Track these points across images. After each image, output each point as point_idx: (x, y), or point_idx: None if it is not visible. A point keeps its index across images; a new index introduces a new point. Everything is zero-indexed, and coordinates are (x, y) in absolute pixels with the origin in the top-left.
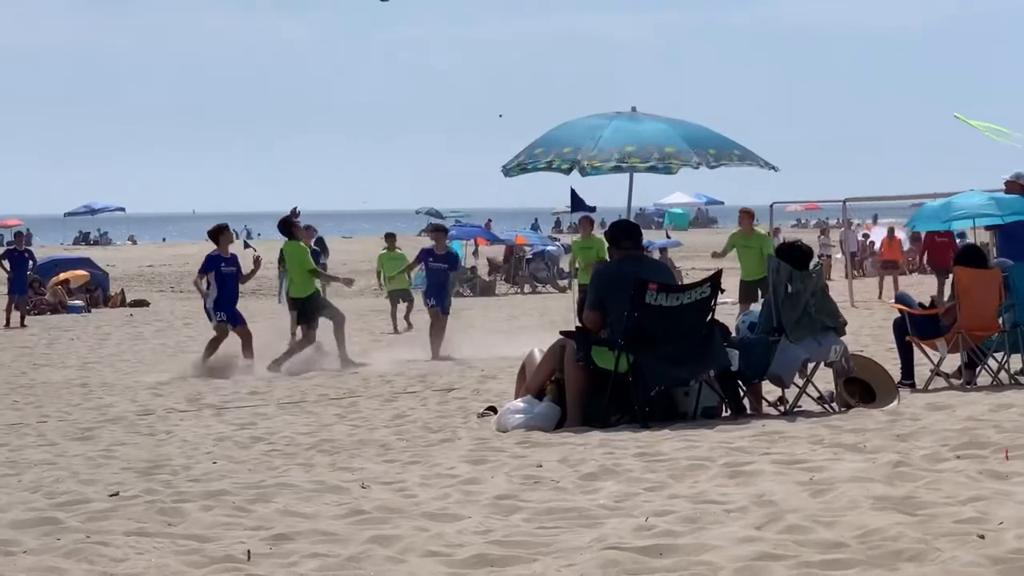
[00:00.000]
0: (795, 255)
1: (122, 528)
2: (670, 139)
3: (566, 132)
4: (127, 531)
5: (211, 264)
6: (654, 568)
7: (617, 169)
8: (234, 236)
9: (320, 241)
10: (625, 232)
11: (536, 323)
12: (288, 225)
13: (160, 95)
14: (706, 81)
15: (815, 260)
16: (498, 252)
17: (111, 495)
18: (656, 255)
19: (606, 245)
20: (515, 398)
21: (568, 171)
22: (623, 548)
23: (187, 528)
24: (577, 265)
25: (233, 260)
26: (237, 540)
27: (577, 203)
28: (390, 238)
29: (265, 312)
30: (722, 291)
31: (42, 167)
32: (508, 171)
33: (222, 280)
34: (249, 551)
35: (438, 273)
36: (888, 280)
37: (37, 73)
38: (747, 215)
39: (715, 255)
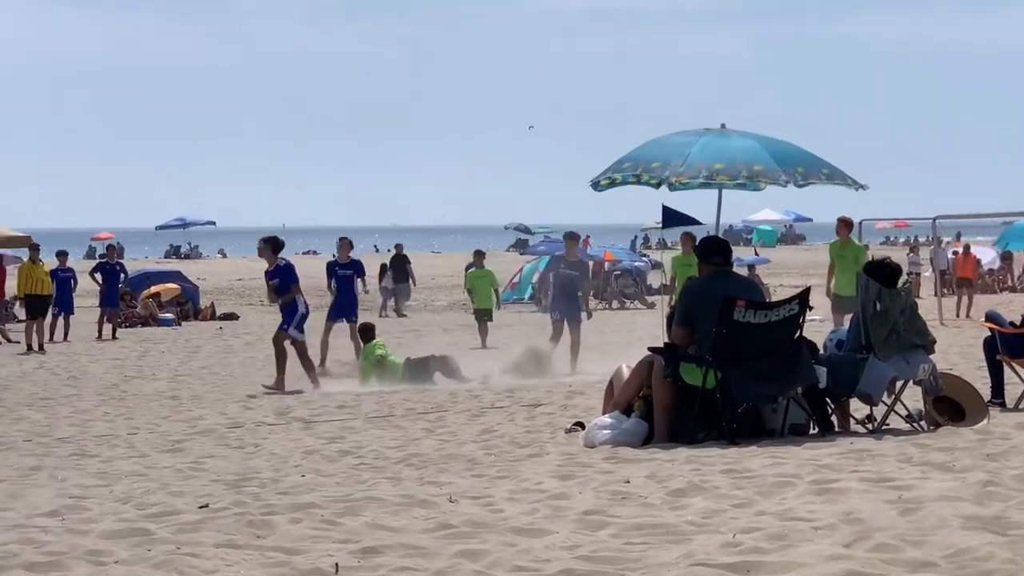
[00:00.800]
0: (884, 272)
1: (212, 540)
2: (758, 156)
3: (655, 148)
4: (216, 543)
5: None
6: None
7: (705, 185)
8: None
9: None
10: (715, 248)
11: (624, 339)
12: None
13: (254, 110)
14: (795, 96)
15: (904, 278)
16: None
17: (200, 507)
18: (744, 272)
19: None
20: (602, 414)
21: (657, 186)
22: (710, 565)
23: (276, 540)
24: (675, 282)
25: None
26: (325, 553)
27: (670, 218)
28: (478, 255)
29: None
30: (810, 308)
31: (135, 181)
32: (597, 185)
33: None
34: (337, 564)
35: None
36: (966, 298)
37: (132, 91)
38: (844, 224)
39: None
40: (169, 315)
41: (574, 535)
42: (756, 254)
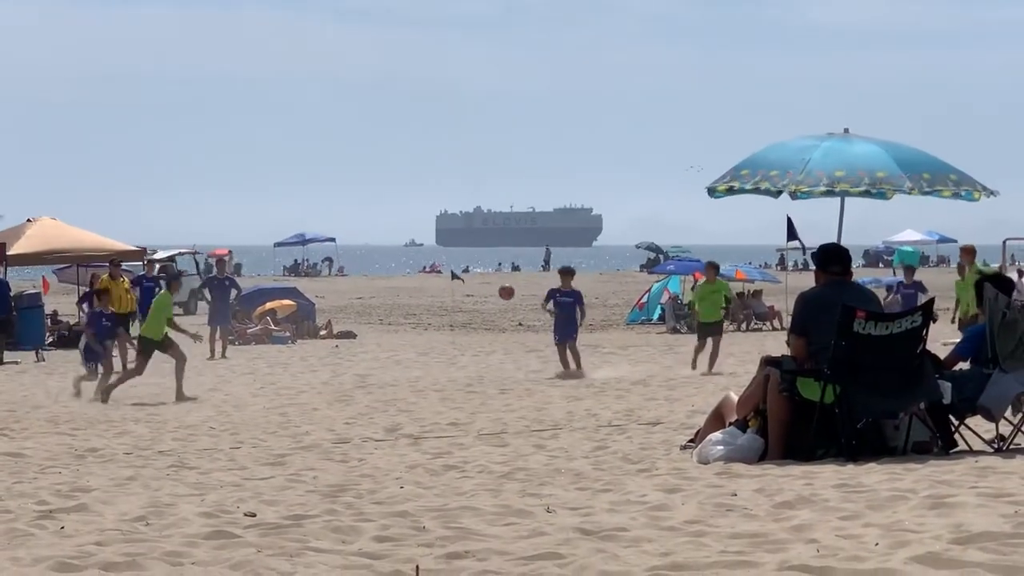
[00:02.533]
0: (1004, 283)
1: (295, 545)
2: (882, 162)
3: (775, 153)
4: (299, 547)
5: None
6: None
7: (828, 194)
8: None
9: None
10: (833, 256)
11: (754, 359)
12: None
13: (375, 126)
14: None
15: None
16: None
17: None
18: (883, 294)
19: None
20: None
21: (777, 195)
22: (801, 571)
23: (361, 546)
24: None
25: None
26: (409, 557)
27: (793, 233)
28: (711, 268)
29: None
30: (934, 320)
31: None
32: (713, 192)
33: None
34: (418, 566)
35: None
36: None
37: (249, 103)
38: (968, 253)
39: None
40: (284, 332)
41: (668, 543)
42: (895, 275)
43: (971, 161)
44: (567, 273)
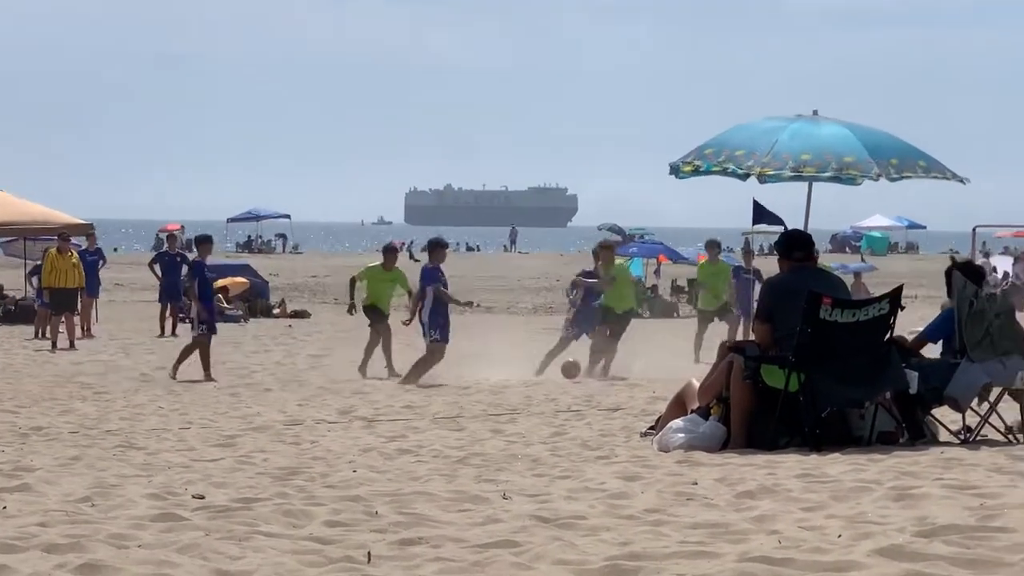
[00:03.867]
0: (974, 271)
1: (244, 528)
2: (849, 146)
3: (741, 134)
4: (248, 531)
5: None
6: None
7: (796, 178)
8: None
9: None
10: (796, 242)
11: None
12: None
13: (342, 101)
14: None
15: (1003, 284)
16: (682, 272)
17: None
18: (850, 280)
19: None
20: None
21: (744, 178)
22: (760, 562)
23: (312, 530)
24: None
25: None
26: (361, 543)
27: (760, 215)
28: (712, 246)
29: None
30: (902, 308)
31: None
32: (678, 171)
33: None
34: (370, 552)
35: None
36: None
37: (210, 76)
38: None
39: None
40: (236, 311)
41: (626, 532)
42: (863, 261)
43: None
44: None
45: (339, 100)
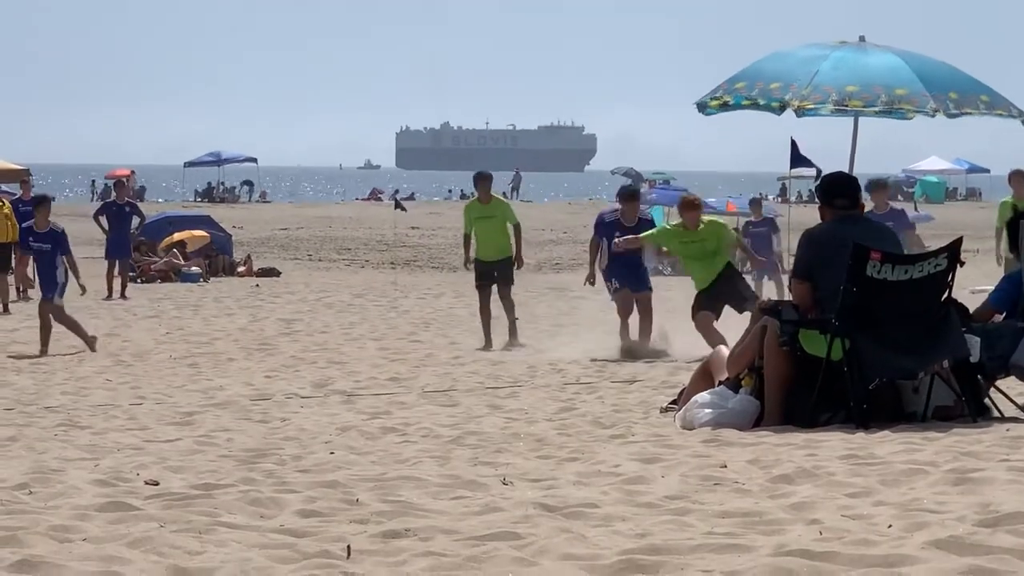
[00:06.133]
0: None
1: (205, 519)
2: (902, 77)
3: (776, 63)
4: (209, 523)
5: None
6: None
7: (838, 112)
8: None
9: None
10: (839, 187)
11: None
12: None
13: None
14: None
15: None
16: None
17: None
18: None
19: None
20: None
21: (780, 111)
22: (798, 556)
23: (282, 521)
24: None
25: None
26: (339, 536)
27: (797, 158)
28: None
29: None
30: (962, 264)
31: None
32: (704, 107)
33: None
34: (349, 547)
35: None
36: None
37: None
38: (1020, 176)
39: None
40: (195, 269)
41: (645, 522)
42: (917, 210)
43: (1011, 78)
44: (630, 198)
45: (315, 23)
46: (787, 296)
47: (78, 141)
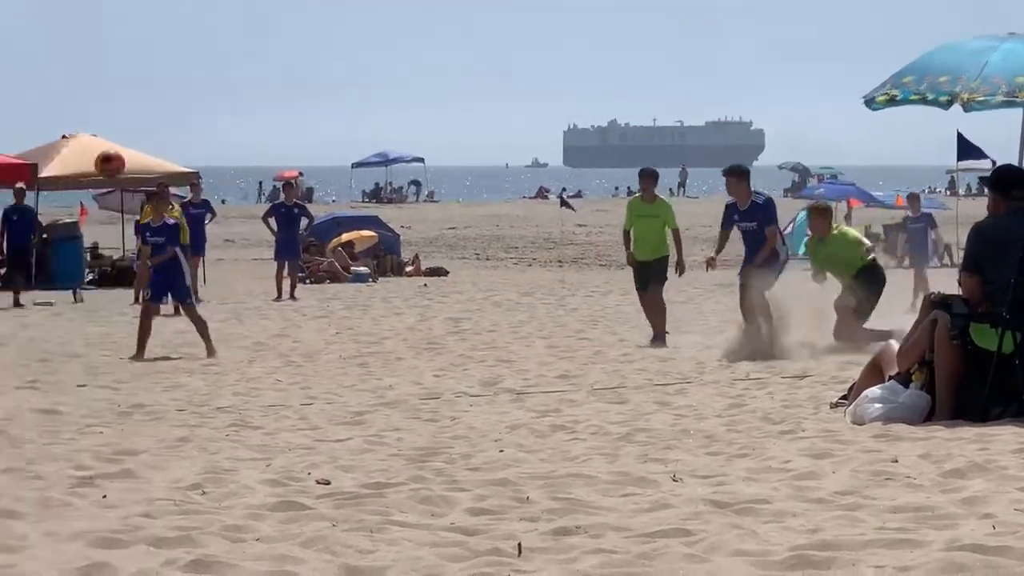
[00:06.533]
0: None
1: (376, 518)
2: None
3: (944, 57)
4: (381, 521)
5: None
6: None
7: (1008, 104)
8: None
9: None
10: (1013, 179)
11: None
12: None
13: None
14: None
15: None
16: (874, 216)
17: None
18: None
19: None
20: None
21: (947, 105)
22: (973, 552)
23: (453, 519)
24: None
25: None
26: (509, 534)
27: (966, 150)
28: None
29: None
30: None
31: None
32: (872, 103)
33: None
34: (520, 544)
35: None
36: None
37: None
38: None
39: None
40: (363, 269)
41: (816, 517)
42: None
43: None
44: (737, 176)
45: (484, 25)
46: (933, 289)
47: (237, 144)
